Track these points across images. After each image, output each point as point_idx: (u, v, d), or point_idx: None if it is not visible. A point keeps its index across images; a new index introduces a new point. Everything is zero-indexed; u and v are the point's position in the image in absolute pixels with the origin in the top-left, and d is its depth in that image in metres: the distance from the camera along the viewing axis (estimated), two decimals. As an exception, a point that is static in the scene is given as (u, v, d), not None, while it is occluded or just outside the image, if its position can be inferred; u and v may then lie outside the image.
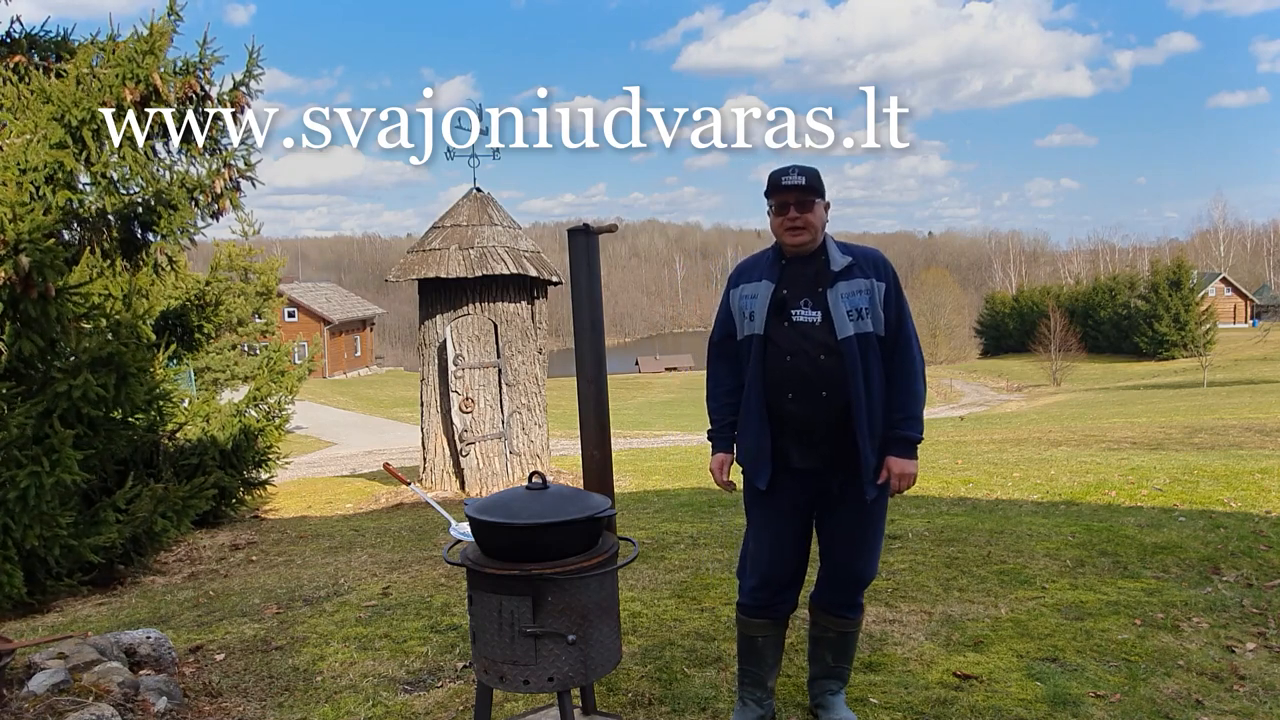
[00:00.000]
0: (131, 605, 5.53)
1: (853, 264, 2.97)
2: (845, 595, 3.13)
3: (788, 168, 2.96)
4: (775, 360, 2.95)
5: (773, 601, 3.12)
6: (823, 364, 2.90)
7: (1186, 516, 6.16)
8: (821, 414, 2.91)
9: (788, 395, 2.93)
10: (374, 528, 7.91)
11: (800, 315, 2.94)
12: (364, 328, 56.85)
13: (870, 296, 2.93)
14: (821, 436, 2.93)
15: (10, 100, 6.14)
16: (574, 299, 3.94)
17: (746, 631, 3.17)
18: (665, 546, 5.95)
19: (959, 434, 16.61)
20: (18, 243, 4.94)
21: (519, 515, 2.59)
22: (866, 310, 2.92)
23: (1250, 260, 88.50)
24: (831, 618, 3.17)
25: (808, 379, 2.91)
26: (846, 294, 2.92)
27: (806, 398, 2.91)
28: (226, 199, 7.04)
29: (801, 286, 2.97)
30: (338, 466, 16.75)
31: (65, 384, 5.41)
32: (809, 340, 2.92)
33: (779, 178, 2.96)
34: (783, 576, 3.11)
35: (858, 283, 2.94)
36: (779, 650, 3.21)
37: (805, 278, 2.98)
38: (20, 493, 5.18)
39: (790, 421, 2.95)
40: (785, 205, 2.95)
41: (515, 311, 9.62)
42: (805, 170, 2.96)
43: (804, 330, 2.93)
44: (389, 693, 3.61)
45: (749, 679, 3.19)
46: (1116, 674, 3.48)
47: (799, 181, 2.93)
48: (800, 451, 2.97)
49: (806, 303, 2.95)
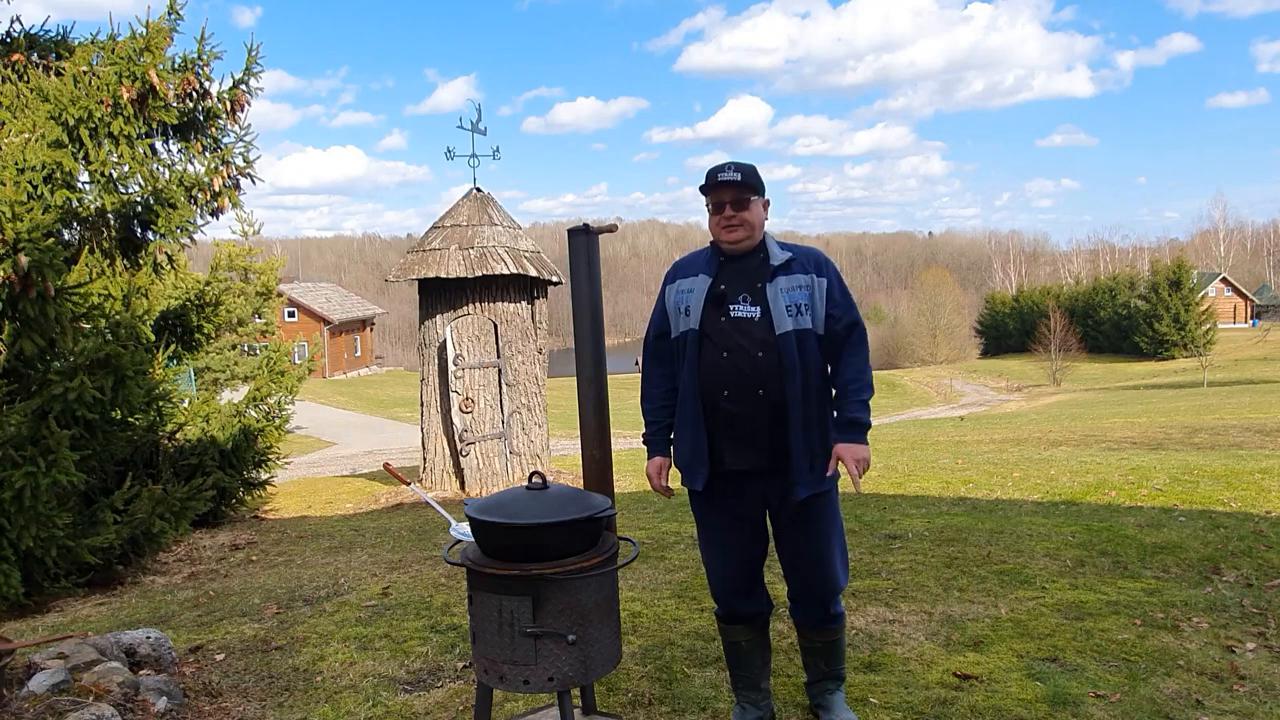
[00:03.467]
0: (131, 605, 5.52)
1: (793, 259, 2.91)
2: (818, 608, 3.05)
3: (724, 164, 2.91)
4: (711, 357, 2.87)
5: (742, 608, 3.07)
6: (760, 361, 2.82)
7: (1186, 516, 6.15)
8: (758, 412, 2.83)
9: (723, 393, 2.85)
10: (374, 528, 7.91)
11: (738, 310, 2.86)
12: (364, 328, 56.84)
13: (810, 293, 2.87)
14: (757, 437, 2.85)
15: (9, 99, 6.14)
16: (574, 299, 3.93)
17: (728, 638, 3.13)
18: (665, 546, 5.95)
19: (959, 434, 16.61)
20: (16, 242, 4.93)
21: (519, 515, 2.58)
22: (806, 306, 2.85)
23: (1250, 260, 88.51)
24: (813, 631, 3.11)
25: (744, 376, 2.83)
26: (786, 289, 2.86)
27: (743, 395, 2.83)
28: (225, 197, 7.04)
29: (740, 282, 2.90)
30: (338, 466, 16.75)
31: (61, 386, 5.40)
32: (747, 336, 2.84)
33: (715, 175, 2.90)
34: (741, 583, 3.04)
35: (797, 278, 2.88)
36: (766, 653, 3.17)
37: (745, 273, 2.91)
38: (16, 493, 5.17)
39: (726, 420, 2.86)
40: (721, 203, 2.89)
41: (515, 311, 9.61)
42: (742, 167, 2.90)
43: (742, 326, 2.85)
44: (389, 693, 3.61)
45: (741, 682, 3.16)
46: (1116, 674, 3.48)
47: (734, 178, 2.86)
48: (734, 452, 2.87)
49: (745, 298, 2.87)
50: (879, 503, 7.20)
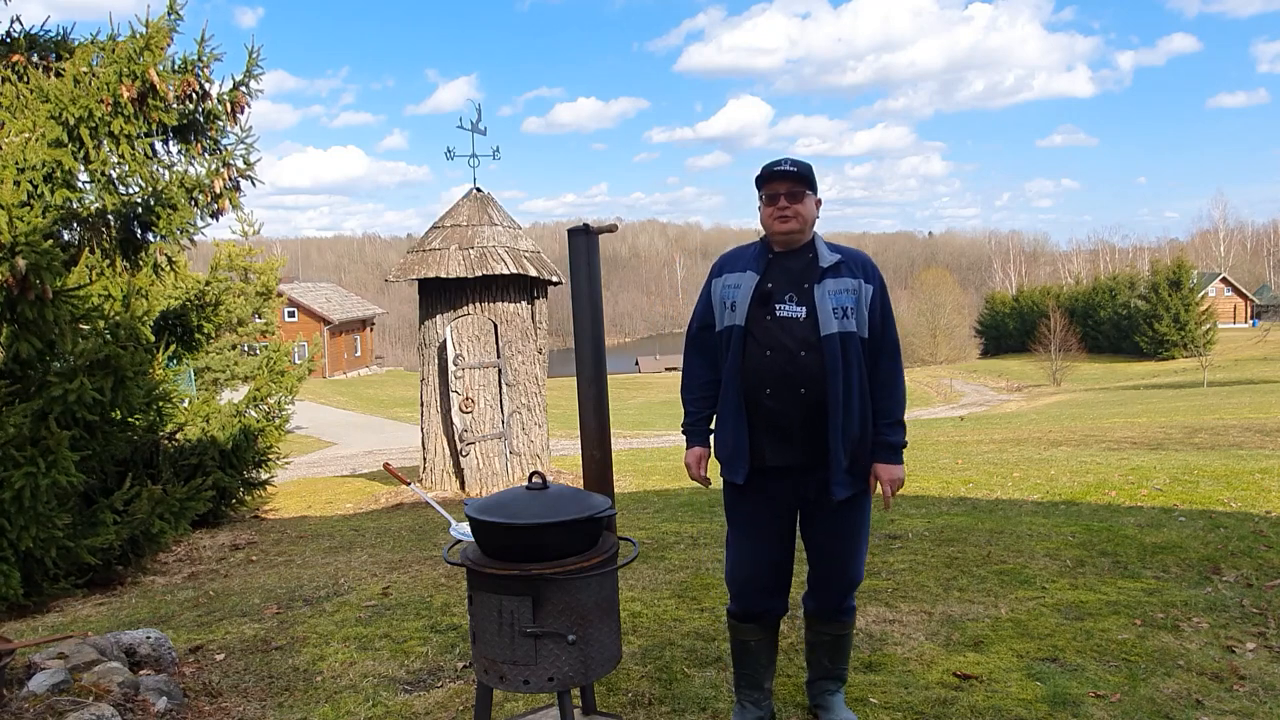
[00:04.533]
0: (131, 605, 5.52)
1: (841, 262, 2.95)
2: (834, 599, 3.11)
3: (780, 159, 2.96)
4: (754, 354, 2.91)
5: (760, 607, 3.09)
6: (802, 360, 2.86)
7: (1186, 516, 6.15)
8: (798, 411, 2.87)
9: (765, 390, 2.89)
10: (374, 528, 7.91)
11: (784, 310, 2.90)
12: (364, 328, 56.84)
13: (856, 297, 2.90)
14: (797, 434, 2.89)
15: (9, 100, 6.14)
16: (574, 299, 3.93)
17: (738, 636, 3.16)
18: (665, 546, 5.95)
19: (959, 434, 16.61)
20: (14, 245, 4.93)
21: (519, 515, 2.58)
22: (852, 310, 2.89)
23: (1250, 260, 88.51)
24: (824, 623, 3.15)
25: (786, 374, 2.87)
26: (834, 291, 2.89)
27: (784, 393, 2.87)
28: (226, 198, 7.03)
29: (788, 281, 2.93)
30: (338, 466, 16.75)
31: (61, 387, 5.39)
32: (790, 335, 2.88)
33: (771, 167, 2.95)
34: (766, 581, 3.07)
35: (845, 281, 2.91)
36: (773, 652, 3.19)
37: (792, 272, 2.94)
38: (16, 494, 5.17)
39: (766, 417, 2.91)
40: (776, 195, 2.93)
41: (515, 311, 9.61)
42: (798, 162, 2.95)
43: (786, 325, 2.89)
44: (389, 693, 3.61)
45: (745, 681, 3.18)
46: (1116, 674, 3.48)
47: (790, 170, 2.92)
48: (774, 448, 2.92)
49: (791, 297, 2.91)
50: (879, 502, 7.17)
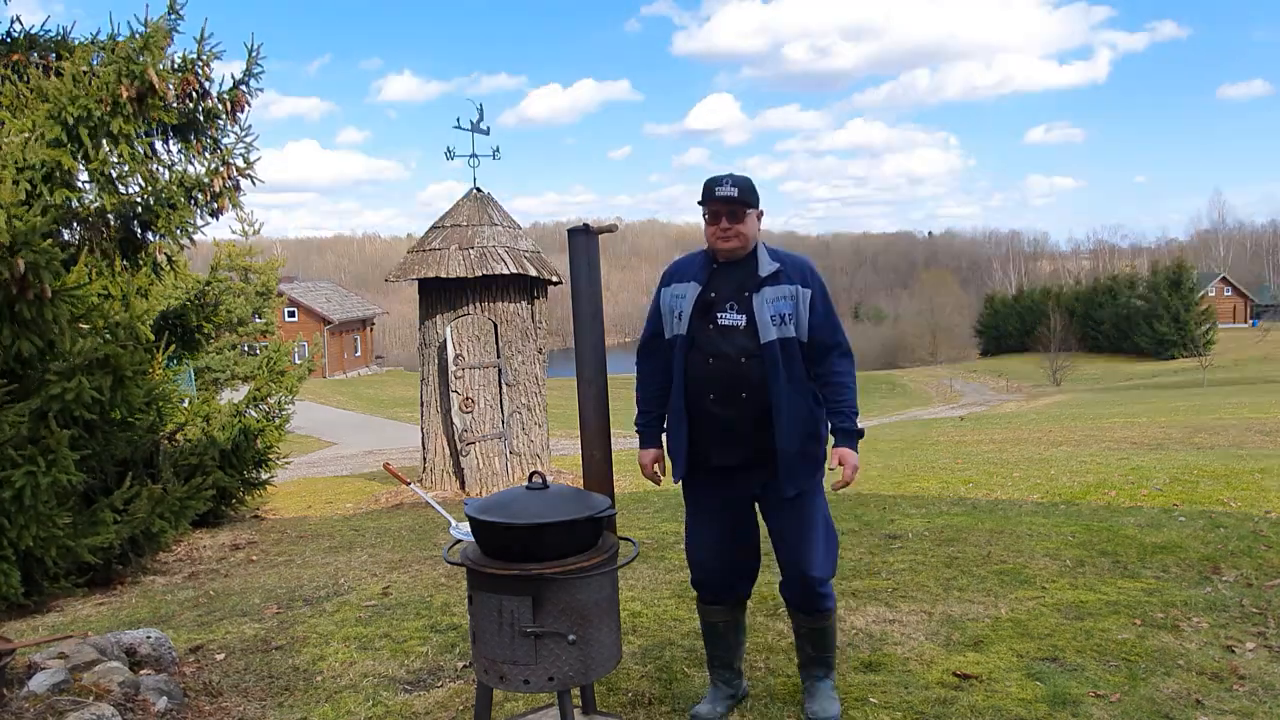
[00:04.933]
0: (132, 605, 5.52)
1: (780, 270, 3.04)
2: (801, 592, 3.19)
3: (721, 177, 3.06)
4: (698, 361, 3.04)
5: (718, 590, 3.24)
6: (743, 367, 2.97)
7: (1186, 516, 6.15)
8: (741, 415, 2.99)
9: (709, 396, 3.02)
10: (374, 528, 7.90)
11: (725, 318, 3.03)
12: (364, 328, 56.83)
13: (795, 303, 3.00)
14: (741, 437, 3.02)
15: (9, 99, 6.13)
16: (574, 299, 3.93)
17: (705, 618, 3.32)
18: (665, 546, 5.95)
19: (959, 434, 16.61)
20: (13, 244, 4.92)
21: (519, 515, 2.59)
22: (790, 316, 2.99)
23: (1250, 260, 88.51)
24: (799, 614, 3.24)
25: (729, 381, 2.99)
26: (771, 299, 3.00)
27: (727, 399, 2.99)
28: (226, 198, 7.01)
29: (729, 290, 3.05)
30: (338, 466, 16.74)
31: (59, 386, 5.39)
32: (731, 343, 2.99)
33: (713, 188, 3.04)
34: (718, 568, 3.21)
35: (783, 289, 3.01)
36: (739, 632, 3.33)
37: (733, 282, 3.06)
38: (15, 493, 5.16)
39: (710, 421, 3.03)
40: (717, 215, 3.04)
41: (515, 311, 9.61)
42: (738, 181, 3.05)
43: (727, 333, 3.01)
44: (389, 692, 3.61)
45: (716, 661, 3.32)
46: (1116, 674, 3.48)
47: (731, 193, 3.02)
48: (719, 450, 3.06)
49: (733, 306, 3.03)
50: (879, 503, 7.19)
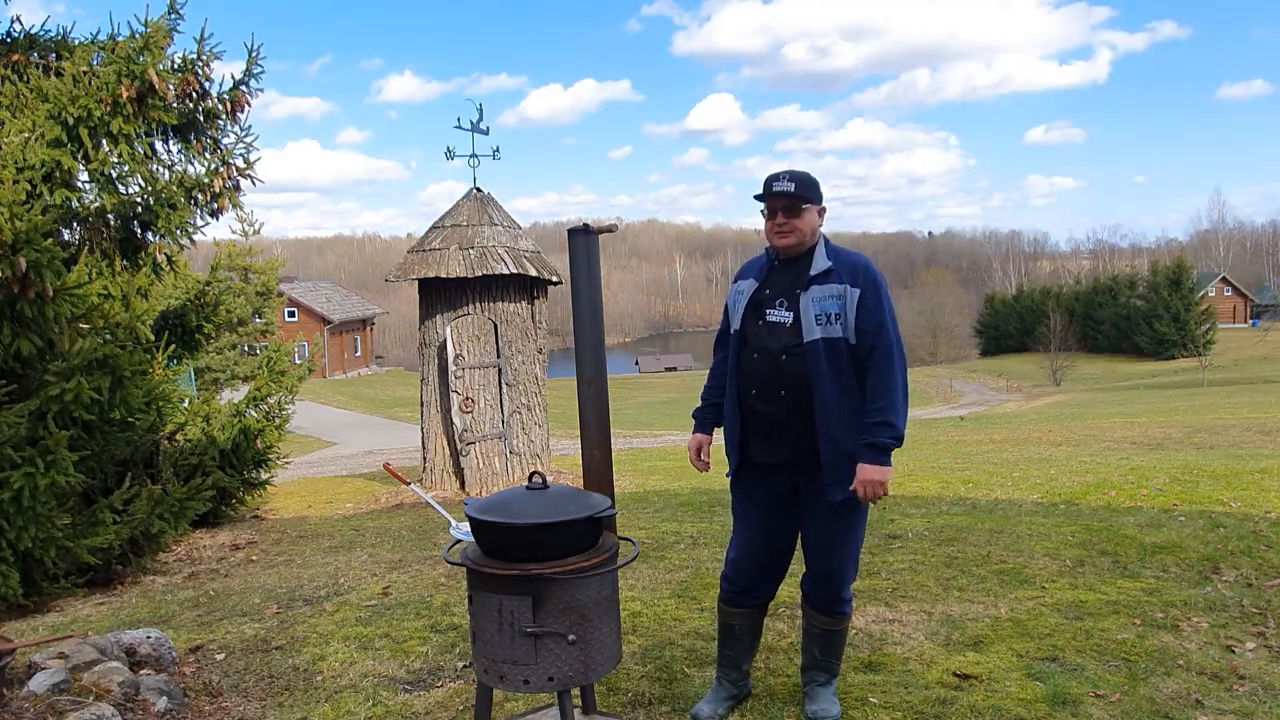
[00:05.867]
0: (132, 605, 5.52)
1: (831, 269, 3.03)
2: (823, 592, 3.20)
3: (780, 174, 3.07)
4: (746, 356, 3.09)
5: (746, 590, 3.25)
6: (784, 364, 3.00)
7: (1186, 516, 6.15)
8: (780, 412, 3.01)
9: (751, 391, 3.07)
10: (374, 528, 7.90)
11: (773, 315, 3.06)
12: (364, 328, 56.83)
13: (843, 302, 2.98)
14: (782, 434, 3.03)
15: (9, 99, 6.13)
16: (574, 299, 3.93)
17: (725, 619, 3.33)
18: (665, 546, 5.95)
19: (959, 434, 16.61)
20: (15, 242, 4.92)
21: (519, 515, 2.59)
22: (836, 316, 2.97)
23: (1250, 260, 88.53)
24: (816, 613, 3.25)
25: (768, 377, 3.03)
26: (819, 298, 2.99)
27: (766, 395, 3.04)
28: (226, 198, 7.01)
29: (780, 287, 3.09)
30: (338, 466, 16.73)
31: (58, 387, 5.39)
32: (776, 339, 3.03)
33: (770, 184, 3.06)
34: (753, 566, 3.22)
35: (831, 287, 3.00)
36: (755, 636, 3.36)
37: (786, 279, 3.09)
38: (15, 494, 5.16)
39: (754, 417, 3.08)
40: (774, 210, 3.06)
41: (515, 311, 9.61)
42: (796, 176, 3.05)
43: (774, 330, 3.05)
44: (389, 692, 3.61)
45: (725, 661, 3.34)
46: (1116, 674, 3.48)
47: (788, 189, 3.03)
48: (760, 446, 3.09)
49: (782, 303, 3.06)
50: (879, 502, 7.18)
